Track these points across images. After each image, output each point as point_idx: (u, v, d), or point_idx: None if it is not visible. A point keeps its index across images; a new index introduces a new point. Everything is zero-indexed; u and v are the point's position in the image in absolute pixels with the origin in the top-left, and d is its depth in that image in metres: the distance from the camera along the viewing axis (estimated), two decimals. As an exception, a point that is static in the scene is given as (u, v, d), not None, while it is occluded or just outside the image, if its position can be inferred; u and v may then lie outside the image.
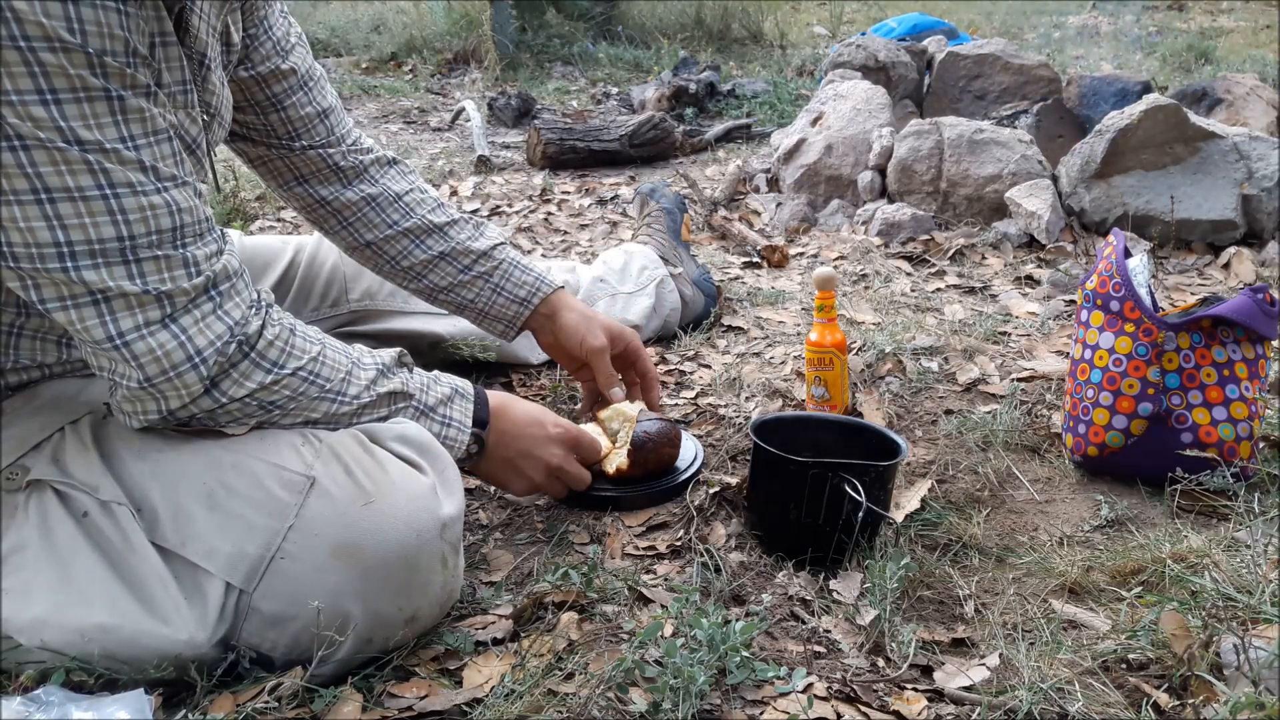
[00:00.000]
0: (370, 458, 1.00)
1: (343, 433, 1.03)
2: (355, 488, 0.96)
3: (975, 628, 1.09)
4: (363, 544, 0.94)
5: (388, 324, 1.64)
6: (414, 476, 1.01)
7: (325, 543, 0.93)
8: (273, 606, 0.92)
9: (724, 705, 0.93)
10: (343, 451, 0.99)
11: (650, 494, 1.34)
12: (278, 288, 1.56)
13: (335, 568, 0.93)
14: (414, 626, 1.00)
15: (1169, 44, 5.40)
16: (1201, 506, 1.29)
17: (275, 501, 0.94)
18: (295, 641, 0.94)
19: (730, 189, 2.94)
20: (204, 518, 0.93)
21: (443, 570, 1.00)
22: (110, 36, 0.84)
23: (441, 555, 1.00)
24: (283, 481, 0.95)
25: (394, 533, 0.95)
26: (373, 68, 5.25)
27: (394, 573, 0.95)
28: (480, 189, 3.06)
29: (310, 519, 0.93)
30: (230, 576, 0.91)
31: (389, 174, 1.41)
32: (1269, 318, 1.31)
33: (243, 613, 0.92)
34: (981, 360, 1.78)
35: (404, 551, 0.96)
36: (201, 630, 0.91)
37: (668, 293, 1.91)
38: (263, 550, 0.92)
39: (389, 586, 0.95)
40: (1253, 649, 0.90)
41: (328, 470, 0.97)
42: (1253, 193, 2.37)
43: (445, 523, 1.00)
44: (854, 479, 1.14)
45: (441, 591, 1.01)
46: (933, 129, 2.61)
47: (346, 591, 0.93)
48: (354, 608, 0.94)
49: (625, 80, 4.96)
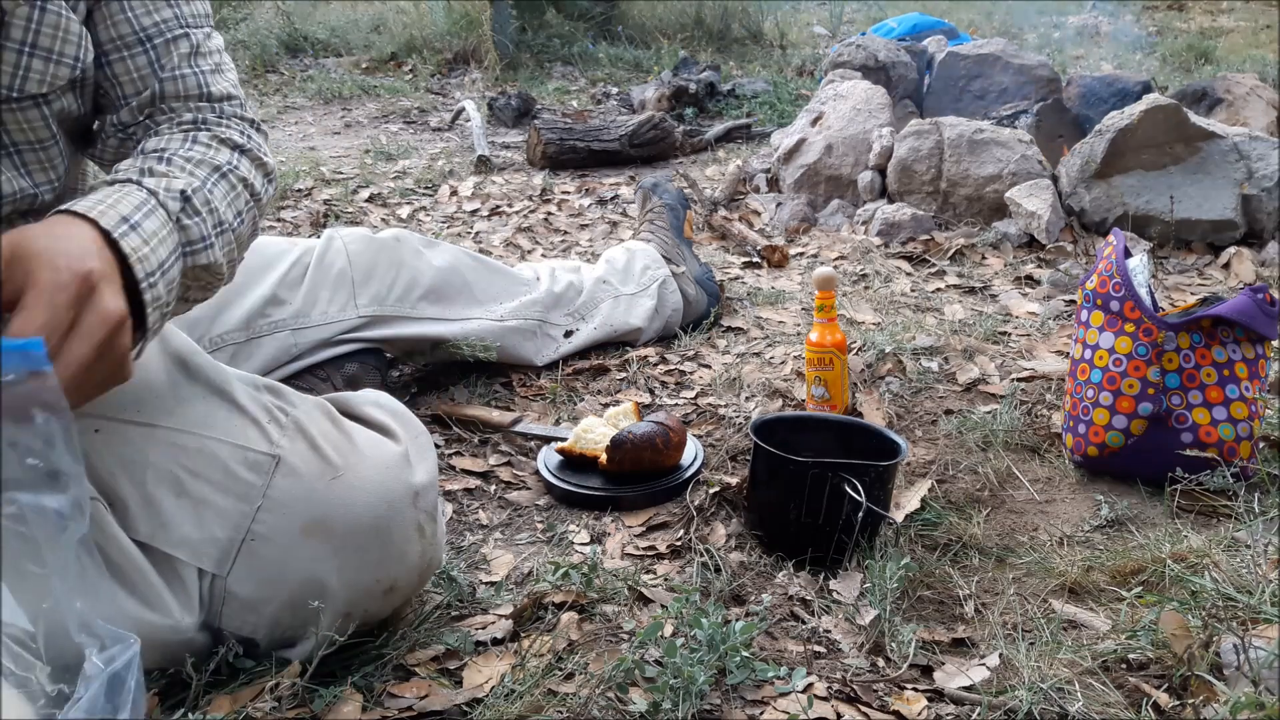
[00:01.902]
0: (337, 430, 0.99)
1: (310, 404, 1.01)
2: (322, 463, 0.95)
3: (975, 628, 1.09)
4: (332, 519, 0.93)
5: (394, 330, 1.62)
6: (383, 445, 1.00)
7: (295, 521, 0.92)
8: (248, 589, 0.91)
9: (724, 705, 0.93)
10: (309, 425, 0.97)
11: (650, 494, 1.35)
12: (278, 288, 1.53)
13: (307, 545, 0.92)
14: (394, 597, 0.99)
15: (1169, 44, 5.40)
16: (1201, 506, 1.29)
17: (241, 484, 0.92)
18: (275, 622, 0.93)
19: (730, 189, 2.94)
20: (172, 505, 0.91)
21: (420, 539, 0.99)
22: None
23: (417, 524, 0.98)
24: (248, 462, 0.93)
25: (364, 505, 0.94)
26: (373, 68, 5.25)
27: (368, 545, 0.95)
28: (480, 189, 3.06)
29: (277, 499, 0.92)
30: (202, 562, 0.90)
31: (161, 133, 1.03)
32: (1269, 318, 1.31)
33: (219, 597, 0.91)
34: (981, 360, 1.78)
35: (376, 523, 0.95)
36: (187, 615, 0.90)
37: (670, 293, 1.91)
38: (232, 534, 0.91)
39: (365, 559, 0.95)
40: (1253, 649, 0.90)
41: (294, 446, 0.95)
42: (1253, 193, 2.37)
43: (418, 490, 0.98)
44: (854, 479, 1.14)
45: (420, 560, 1.00)
46: (933, 129, 2.61)
47: (322, 567, 0.92)
48: (331, 582, 0.93)
49: (625, 80, 4.96)
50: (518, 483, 1.43)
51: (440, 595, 1.12)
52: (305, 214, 2.73)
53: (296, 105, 4.45)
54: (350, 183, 3.05)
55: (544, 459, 1.44)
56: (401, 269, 1.62)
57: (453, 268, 1.68)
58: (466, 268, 1.70)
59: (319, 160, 3.34)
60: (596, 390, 1.72)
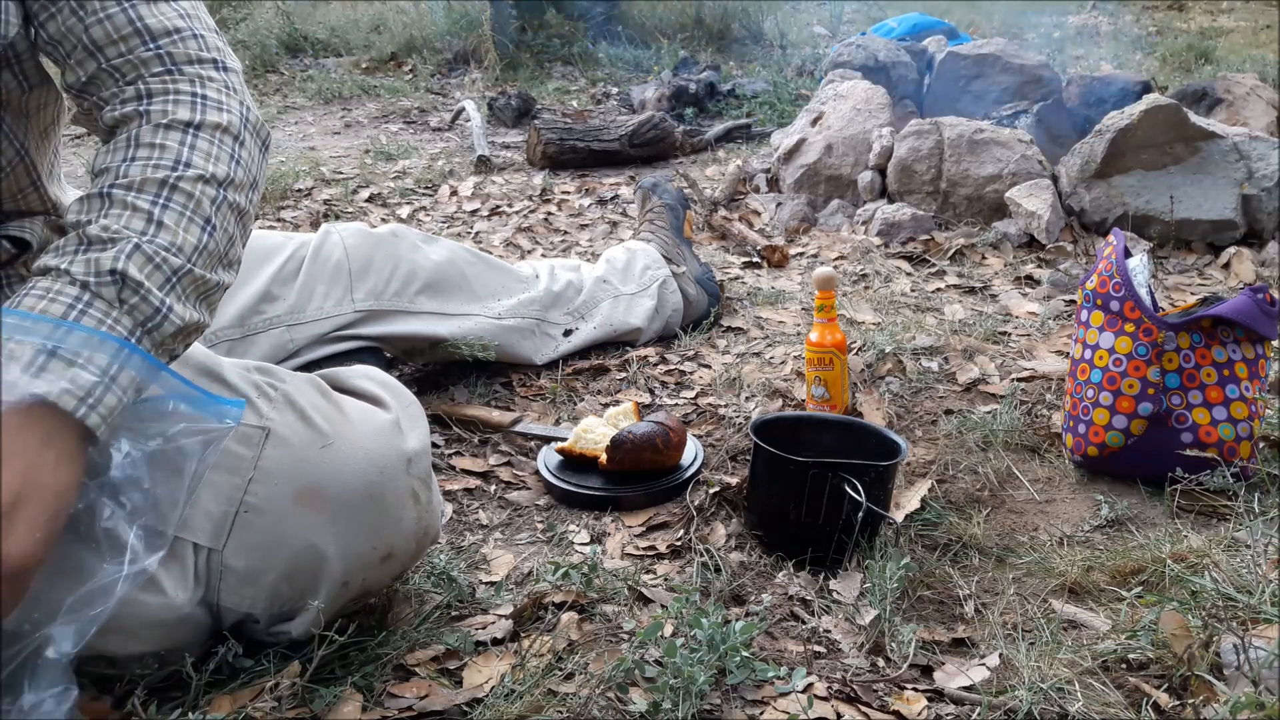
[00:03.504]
0: (327, 401, 0.99)
1: (301, 379, 1.01)
2: (312, 432, 0.95)
3: (975, 628, 1.09)
4: (325, 486, 0.93)
5: (391, 326, 1.62)
6: (374, 413, 1.00)
7: (287, 490, 0.92)
8: (244, 562, 0.91)
9: (724, 705, 0.93)
10: (299, 398, 0.98)
11: (650, 494, 1.35)
12: (273, 282, 1.53)
13: (301, 514, 0.92)
14: (391, 564, 1.00)
15: (1169, 44, 5.40)
16: (1201, 506, 1.29)
17: (232, 457, 0.92)
18: (274, 594, 0.93)
19: (730, 189, 2.94)
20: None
21: (414, 505, 0.99)
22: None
23: (411, 490, 0.99)
24: (237, 436, 0.93)
25: (356, 471, 0.94)
26: (373, 68, 5.25)
27: (362, 511, 0.95)
28: (480, 189, 3.06)
29: (269, 469, 0.92)
30: (197, 537, 0.90)
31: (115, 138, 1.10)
32: (1269, 318, 1.31)
33: (215, 572, 0.91)
34: (981, 360, 1.78)
35: (369, 490, 0.95)
36: (182, 590, 0.90)
37: (670, 293, 1.91)
38: (226, 506, 0.91)
39: (360, 526, 0.95)
40: (1253, 649, 0.90)
41: (282, 418, 0.95)
42: (1253, 193, 2.37)
43: (410, 457, 0.99)
44: (854, 479, 1.14)
45: (416, 527, 1.00)
46: (933, 129, 2.61)
47: (317, 536, 0.92)
48: (327, 550, 0.93)
49: (625, 80, 4.96)
50: (518, 483, 1.43)
51: (440, 595, 1.11)
52: (305, 214, 2.73)
53: (296, 105, 4.45)
54: (350, 183, 3.05)
55: (544, 459, 1.44)
56: (399, 262, 1.62)
57: (451, 262, 1.68)
58: (465, 262, 1.70)
59: (319, 160, 3.34)
60: (596, 390, 1.72)
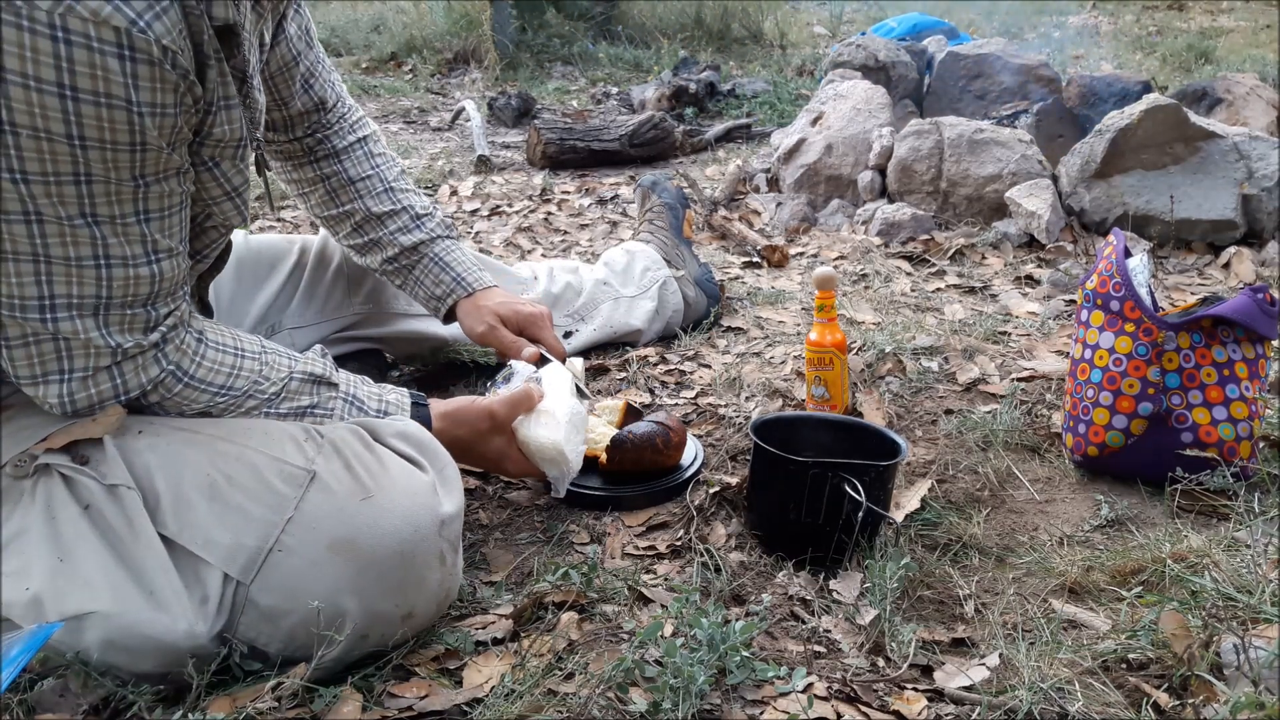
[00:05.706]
0: (370, 454, 1.01)
1: (344, 428, 1.04)
2: (355, 483, 0.97)
3: (975, 628, 1.09)
4: (359, 539, 0.94)
5: (391, 327, 1.64)
6: (414, 474, 1.02)
7: (323, 536, 0.93)
8: (269, 600, 0.92)
9: (724, 705, 0.93)
10: (344, 447, 1.00)
11: (650, 494, 1.35)
12: (284, 288, 1.56)
13: (332, 562, 0.93)
14: (411, 624, 1.00)
15: (1169, 44, 5.40)
16: (1201, 506, 1.29)
17: (275, 494, 0.94)
18: (291, 636, 0.94)
19: (730, 189, 2.94)
20: (204, 507, 0.93)
21: (440, 567, 1.00)
22: (160, 125, 0.88)
23: (439, 552, 1.00)
24: (283, 475, 0.95)
25: (391, 528, 0.96)
26: (373, 68, 5.25)
27: (390, 569, 0.95)
28: (480, 189, 3.06)
29: (309, 512, 0.94)
30: (228, 567, 0.91)
31: (354, 155, 1.46)
32: (1269, 318, 1.31)
33: (240, 605, 0.92)
34: (981, 360, 1.78)
35: (401, 547, 0.96)
36: (201, 621, 0.91)
37: (670, 294, 1.91)
38: (260, 542, 0.92)
39: (386, 583, 0.96)
40: (1253, 649, 0.90)
41: (329, 465, 0.97)
42: (1253, 192, 2.37)
43: (444, 520, 1.00)
44: (854, 479, 1.14)
45: (439, 589, 1.01)
46: (933, 129, 2.61)
47: (343, 587, 0.93)
48: (350, 603, 0.94)
49: (625, 80, 4.96)
50: (518, 483, 1.43)
51: (440, 595, 1.11)
52: (305, 213, 2.73)
53: (296, 105, 4.44)
54: (350, 183, 3.05)
55: (544, 459, 1.44)
56: None
57: None
58: None
59: (319, 160, 3.33)
60: (596, 390, 1.72)
